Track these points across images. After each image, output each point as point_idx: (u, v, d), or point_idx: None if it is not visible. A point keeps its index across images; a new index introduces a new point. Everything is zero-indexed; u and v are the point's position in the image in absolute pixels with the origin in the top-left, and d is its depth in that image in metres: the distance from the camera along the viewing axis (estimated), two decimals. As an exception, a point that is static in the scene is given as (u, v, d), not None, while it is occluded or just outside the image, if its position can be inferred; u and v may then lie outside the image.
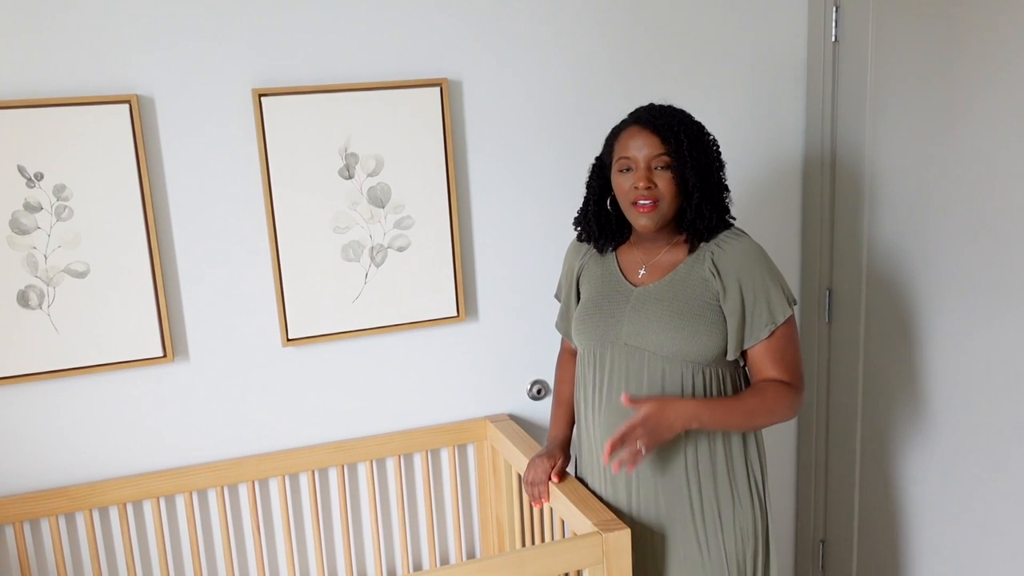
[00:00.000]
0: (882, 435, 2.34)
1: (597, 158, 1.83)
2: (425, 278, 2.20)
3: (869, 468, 2.40)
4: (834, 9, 2.32)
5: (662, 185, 1.68)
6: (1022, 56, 1.83)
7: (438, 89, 2.12)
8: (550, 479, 1.91)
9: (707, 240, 1.73)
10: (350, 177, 2.10)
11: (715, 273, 1.70)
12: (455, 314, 2.24)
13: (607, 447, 1.58)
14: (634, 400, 1.62)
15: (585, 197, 1.86)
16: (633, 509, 1.80)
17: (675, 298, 1.72)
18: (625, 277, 1.81)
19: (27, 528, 2.04)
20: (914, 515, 2.27)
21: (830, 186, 2.42)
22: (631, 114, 1.75)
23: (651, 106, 1.74)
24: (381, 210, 2.14)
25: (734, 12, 2.35)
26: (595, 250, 1.88)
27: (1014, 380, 1.94)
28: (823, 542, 2.60)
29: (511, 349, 2.34)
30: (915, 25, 2.08)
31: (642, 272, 1.79)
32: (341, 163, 2.09)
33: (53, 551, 2.04)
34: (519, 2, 2.17)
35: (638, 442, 1.58)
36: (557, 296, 2.02)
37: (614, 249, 1.86)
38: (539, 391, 2.37)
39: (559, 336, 2.32)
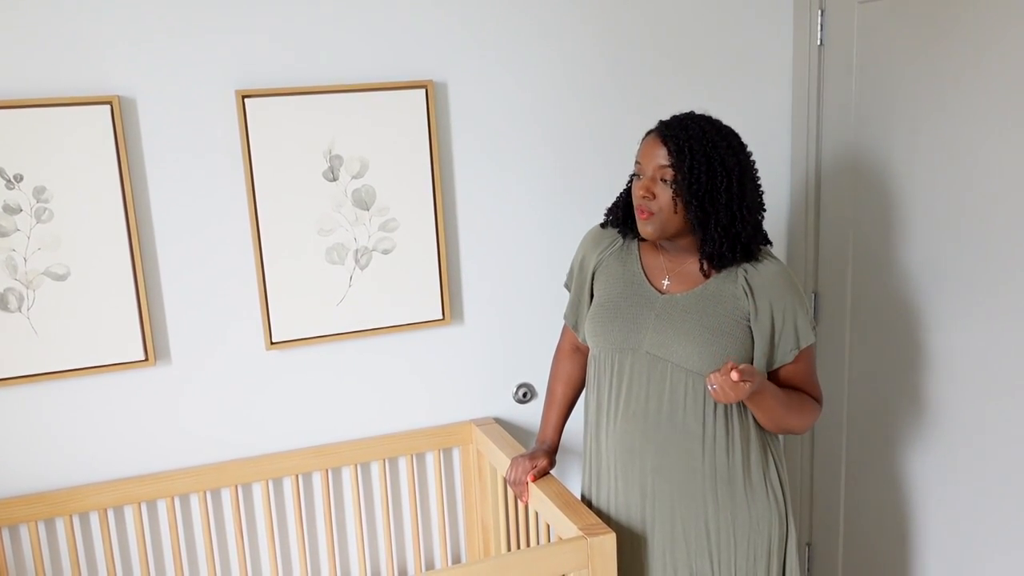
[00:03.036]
0: (868, 438, 2.35)
1: None
2: (410, 281, 2.19)
3: (855, 471, 2.40)
4: (819, 13, 2.32)
5: (661, 197, 1.65)
6: (1007, 58, 1.84)
7: (423, 91, 2.11)
8: (529, 479, 1.91)
9: (722, 267, 1.70)
10: (334, 179, 2.09)
11: (748, 292, 1.68)
12: (440, 317, 2.23)
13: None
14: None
15: (624, 189, 1.83)
16: (647, 520, 1.78)
17: (704, 312, 1.70)
18: (649, 282, 1.78)
19: (6, 534, 2.01)
20: (901, 518, 2.27)
21: (815, 189, 2.42)
22: (659, 121, 1.73)
23: (677, 116, 1.70)
24: (366, 212, 2.13)
25: (719, 16, 2.35)
26: (617, 245, 1.84)
27: (1001, 381, 1.95)
28: (809, 545, 2.61)
29: (497, 352, 2.33)
30: (900, 28, 2.09)
31: (667, 281, 1.76)
32: (325, 165, 2.08)
33: (33, 557, 2.02)
34: (505, 4, 2.16)
35: (718, 384, 1.56)
36: (567, 285, 1.98)
37: (635, 239, 1.82)
38: (525, 394, 2.37)
39: (545, 339, 2.32)
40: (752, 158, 1.71)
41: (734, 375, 1.53)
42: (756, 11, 2.38)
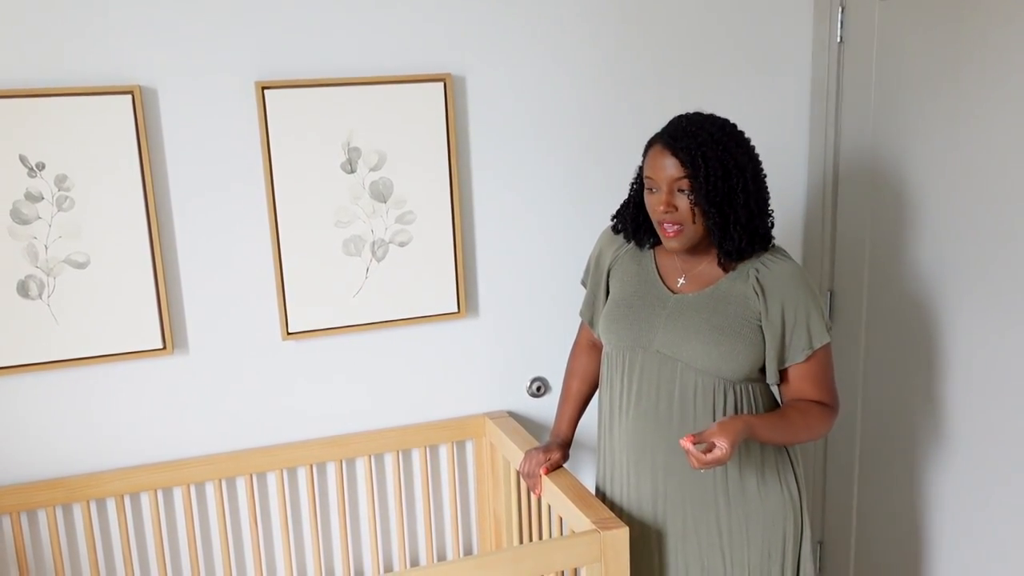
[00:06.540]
0: (882, 437, 2.34)
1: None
2: (426, 274, 2.20)
3: (869, 470, 2.40)
4: (839, 10, 2.31)
5: (683, 208, 1.64)
6: (1028, 59, 1.83)
7: (441, 84, 2.11)
8: (542, 472, 1.92)
9: (740, 260, 1.70)
10: (352, 171, 2.10)
11: (759, 292, 1.68)
12: (456, 310, 2.24)
13: (687, 443, 1.53)
14: (697, 436, 1.55)
15: (627, 198, 1.82)
16: (659, 515, 1.78)
17: (715, 312, 1.69)
18: (663, 282, 1.78)
19: (24, 519, 2.03)
20: (914, 518, 2.26)
21: (833, 187, 2.41)
22: (663, 128, 1.70)
23: (680, 121, 1.68)
24: (383, 205, 2.13)
25: (738, 13, 2.34)
26: (632, 245, 1.84)
27: (1017, 383, 1.94)
28: (820, 543, 2.60)
29: (511, 346, 2.34)
30: (921, 27, 2.07)
31: (681, 281, 1.76)
32: (343, 157, 2.08)
33: (50, 542, 2.04)
34: (524, -2, 2.17)
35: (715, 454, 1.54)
36: (583, 282, 1.98)
37: (652, 246, 1.82)
38: (539, 388, 2.37)
39: (559, 334, 2.32)
40: (756, 150, 1.71)
41: (687, 445, 1.52)
42: (776, 8, 2.37)
